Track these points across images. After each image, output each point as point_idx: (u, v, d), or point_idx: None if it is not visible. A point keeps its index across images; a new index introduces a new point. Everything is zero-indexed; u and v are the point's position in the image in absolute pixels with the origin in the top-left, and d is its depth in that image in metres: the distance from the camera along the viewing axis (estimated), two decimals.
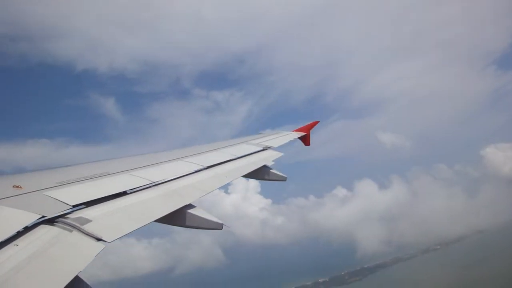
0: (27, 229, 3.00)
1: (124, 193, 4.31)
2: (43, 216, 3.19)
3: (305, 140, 11.66)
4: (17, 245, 2.75)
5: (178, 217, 4.34)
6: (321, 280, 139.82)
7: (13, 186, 3.67)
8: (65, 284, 2.45)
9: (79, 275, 2.67)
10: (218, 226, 4.53)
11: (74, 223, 3.25)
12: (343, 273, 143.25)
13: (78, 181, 4.29)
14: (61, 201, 3.59)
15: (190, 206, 4.51)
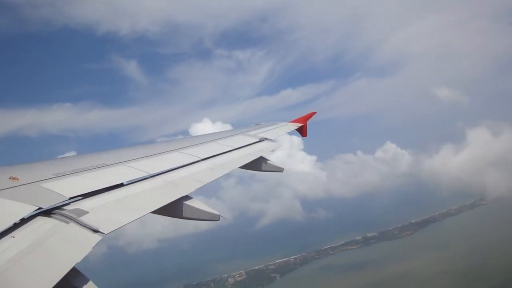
0: (23, 221, 3.00)
1: (121, 185, 4.32)
2: (40, 208, 3.20)
3: (302, 131, 11.66)
4: (13, 237, 2.75)
5: (175, 209, 4.36)
6: (370, 235, 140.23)
7: (9, 178, 3.67)
8: (62, 276, 2.47)
9: (76, 266, 2.69)
10: (214, 217, 4.55)
11: (71, 214, 3.26)
12: (391, 228, 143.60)
13: (74, 172, 4.29)
14: (57, 193, 3.59)
15: (187, 197, 4.52)
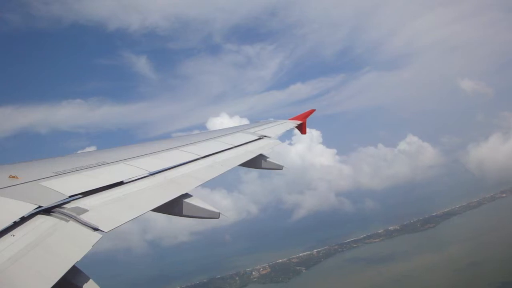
0: (23, 219, 3.01)
1: (120, 183, 4.32)
2: (40, 206, 3.20)
3: (301, 128, 11.65)
4: (13, 236, 2.76)
5: (175, 207, 4.37)
6: (391, 228, 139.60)
7: (9, 176, 3.67)
8: (62, 274, 2.47)
9: (76, 265, 2.70)
10: (214, 215, 4.56)
11: (70, 213, 3.26)
12: (412, 221, 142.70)
13: (74, 171, 4.29)
14: (57, 191, 3.59)
15: (187, 195, 4.53)
